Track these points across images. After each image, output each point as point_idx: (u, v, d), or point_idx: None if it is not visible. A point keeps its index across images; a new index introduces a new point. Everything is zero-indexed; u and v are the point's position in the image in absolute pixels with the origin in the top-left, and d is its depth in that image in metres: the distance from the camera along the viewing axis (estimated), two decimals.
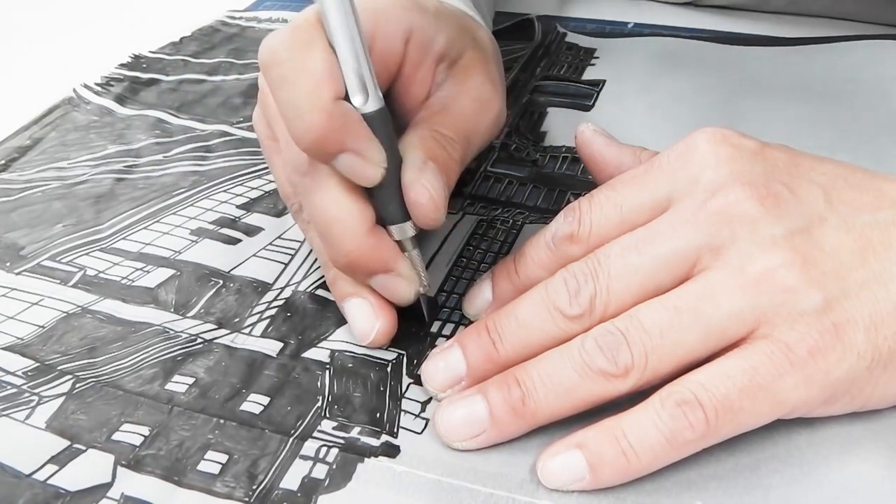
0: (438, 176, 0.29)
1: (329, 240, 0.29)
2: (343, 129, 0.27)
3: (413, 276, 0.30)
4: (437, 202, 0.29)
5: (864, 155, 0.40)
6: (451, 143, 0.30)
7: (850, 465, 0.26)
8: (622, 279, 0.27)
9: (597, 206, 0.29)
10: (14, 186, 0.43)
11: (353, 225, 0.29)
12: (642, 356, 0.25)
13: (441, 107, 0.31)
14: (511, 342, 0.28)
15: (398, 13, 0.31)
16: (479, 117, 0.32)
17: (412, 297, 0.31)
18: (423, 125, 0.31)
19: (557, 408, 0.26)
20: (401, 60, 0.31)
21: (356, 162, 0.27)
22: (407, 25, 0.31)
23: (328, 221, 0.29)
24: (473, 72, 0.33)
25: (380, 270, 0.30)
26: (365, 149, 0.27)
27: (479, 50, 0.34)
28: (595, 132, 0.34)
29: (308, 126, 0.26)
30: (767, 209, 0.26)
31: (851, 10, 0.53)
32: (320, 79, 0.26)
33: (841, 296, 0.25)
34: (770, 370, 0.24)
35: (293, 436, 0.28)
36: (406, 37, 0.31)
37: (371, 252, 0.29)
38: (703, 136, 0.28)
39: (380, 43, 0.30)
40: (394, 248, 0.30)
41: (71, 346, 0.32)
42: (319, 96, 0.26)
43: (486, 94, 0.33)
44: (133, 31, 0.60)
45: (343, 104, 0.27)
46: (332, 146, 0.27)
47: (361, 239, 0.29)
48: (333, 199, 0.29)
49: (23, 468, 0.28)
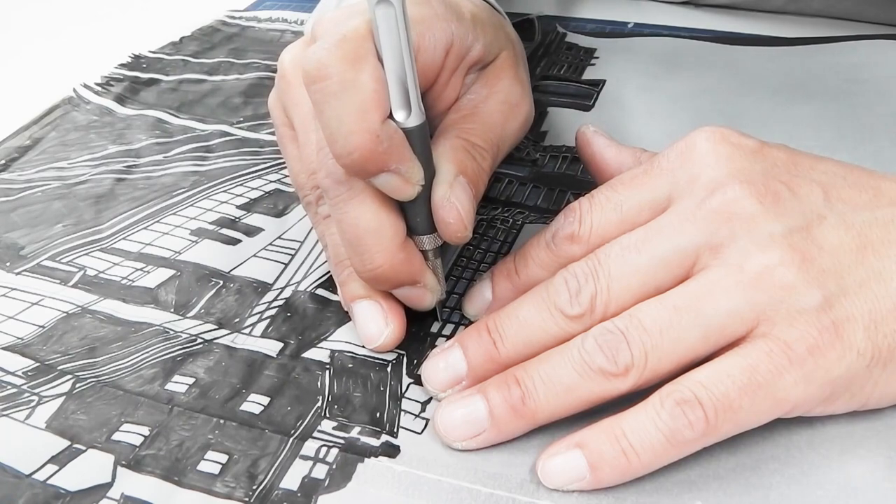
0: (468, 190, 0.29)
1: (359, 251, 0.29)
2: (388, 152, 0.26)
3: (437, 287, 0.30)
4: (466, 220, 0.29)
5: (864, 154, 0.40)
6: (482, 152, 0.30)
7: (850, 466, 0.26)
8: (622, 279, 0.27)
9: (597, 206, 0.29)
10: (14, 186, 0.43)
11: (387, 239, 0.28)
12: (642, 355, 0.25)
13: (471, 110, 0.31)
14: (512, 342, 0.28)
15: (440, 25, 0.31)
16: (508, 121, 0.32)
17: (432, 305, 0.31)
18: (454, 132, 0.30)
19: (557, 407, 0.26)
20: (439, 70, 0.31)
21: (395, 180, 0.27)
22: (448, 37, 0.31)
23: (362, 233, 0.29)
24: (503, 74, 0.33)
25: (407, 283, 0.30)
26: (406, 169, 0.27)
27: (511, 50, 0.34)
28: (595, 133, 0.34)
29: (354, 146, 0.26)
30: (767, 207, 0.26)
31: (850, 10, 0.53)
32: (370, 98, 0.26)
33: (840, 293, 0.25)
34: (769, 368, 0.24)
35: (293, 436, 0.28)
36: (447, 49, 0.31)
37: (401, 266, 0.29)
38: (703, 135, 0.28)
39: (421, 55, 0.30)
40: (421, 261, 0.30)
41: (71, 346, 0.32)
42: (367, 118, 0.26)
43: (515, 97, 0.33)
44: (133, 31, 0.60)
45: (389, 125, 0.27)
46: (374, 167, 0.27)
47: (394, 253, 0.29)
48: (368, 211, 0.28)
49: (23, 468, 0.28)
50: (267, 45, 0.57)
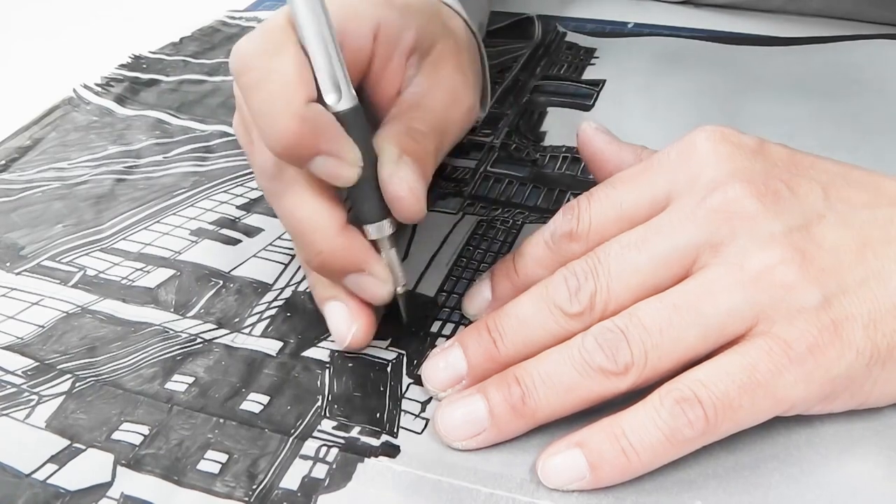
0: (415, 169, 0.29)
1: (300, 241, 0.29)
2: (316, 133, 0.26)
3: (387, 276, 0.30)
4: (417, 194, 0.28)
5: (864, 154, 0.40)
6: (425, 136, 0.30)
7: (850, 465, 0.26)
8: (622, 277, 0.27)
9: (596, 203, 0.29)
10: (14, 186, 0.43)
11: (323, 225, 0.28)
12: (642, 354, 0.25)
13: (413, 102, 0.31)
14: (512, 341, 0.28)
15: (366, 9, 0.31)
16: (450, 111, 0.32)
17: (388, 296, 0.30)
18: (396, 121, 0.30)
19: (557, 406, 0.26)
20: (370, 57, 0.31)
21: (331, 163, 0.27)
22: (375, 21, 0.31)
23: (298, 223, 0.29)
24: (444, 64, 0.33)
25: (352, 270, 0.29)
26: (339, 150, 0.27)
27: (451, 40, 0.34)
28: (596, 130, 0.34)
29: (280, 132, 0.26)
30: (767, 206, 0.26)
31: (850, 10, 0.53)
32: (290, 82, 0.26)
33: (839, 292, 0.25)
34: (769, 367, 0.24)
35: (293, 435, 0.28)
36: (374, 33, 0.31)
37: (342, 252, 0.29)
38: (703, 134, 0.28)
39: (348, 40, 0.30)
40: (366, 247, 0.29)
41: (71, 346, 0.32)
42: (290, 101, 0.26)
43: (458, 87, 0.32)
44: (133, 32, 0.60)
45: (315, 106, 0.27)
46: (305, 150, 0.27)
47: (332, 239, 0.28)
48: (301, 201, 0.28)
49: (22, 468, 0.28)
50: None
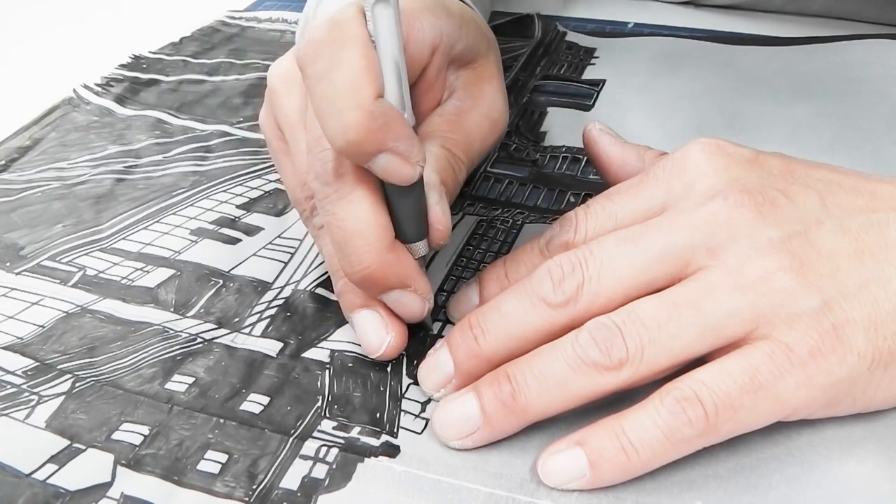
0: (448, 199, 0.29)
1: (348, 253, 0.28)
2: (385, 128, 0.25)
3: (430, 294, 0.30)
4: (449, 227, 0.29)
5: (864, 154, 0.40)
6: (461, 165, 0.31)
7: (850, 465, 0.26)
8: (614, 269, 0.27)
9: (592, 215, 0.29)
10: (14, 186, 0.43)
11: (376, 239, 0.28)
12: (638, 349, 0.25)
13: (454, 117, 0.31)
14: (493, 335, 0.28)
15: (430, 20, 0.30)
16: (487, 138, 0.32)
17: (425, 314, 0.30)
18: (438, 141, 0.31)
19: (549, 402, 0.26)
20: (425, 67, 0.31)
21: (395, 162, 0.26)
22: (436, 33, 0.30)
23: (350, 235, 0.28)
24: (488, 84, 0.33)
25: (397, 286, 0.29)
26: (405, 148, 0.26)
27: (493, 53, 0.34)
28: (601, 131, 0.34)
29: (348, 124, 0.25)
30: (764, 215, 0.26)
31: (850, 10, 0.53)
32: (360, 74, 0.25)
33: (839, 297, 0.25)
34: (771, 369, 0.24)
35: (293, 435, 0.28)
36: (435, 45, 0.31)
37: (390, 267, 0.28)
38: (698, 146, 0.28)
39: (409, 48, 0.29)
40: (412, 264, 0.29)
41: (71, 346, 0.32)
42: (359, 93, 0.25)
43: (498, 112, 0.33)
44: (133, 31, 0.60)
45: (384, 102, 0.26)
46: (372, 146, 0.25)
47: (382, 254, 0.28)
48: (357, 211, 0.28)
49: (22, 468, 0.28)
50: (267, 45, 0.56)
